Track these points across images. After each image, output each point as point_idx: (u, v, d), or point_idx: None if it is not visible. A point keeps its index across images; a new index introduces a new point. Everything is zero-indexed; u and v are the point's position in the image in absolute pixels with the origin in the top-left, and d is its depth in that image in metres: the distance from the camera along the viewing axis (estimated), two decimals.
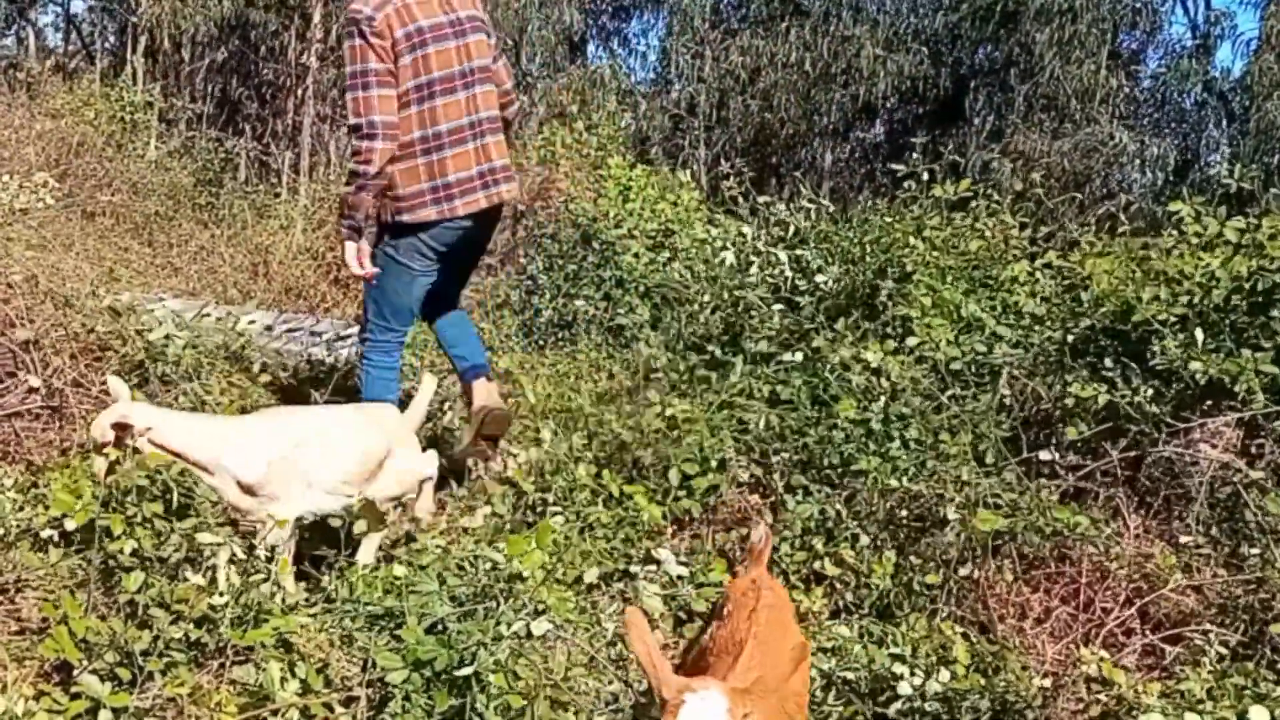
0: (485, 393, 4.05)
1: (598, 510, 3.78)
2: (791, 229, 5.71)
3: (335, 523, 3.23)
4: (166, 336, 4.07)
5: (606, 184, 7.21)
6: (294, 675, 2.68)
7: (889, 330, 4.74)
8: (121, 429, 2.98)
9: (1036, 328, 4.58)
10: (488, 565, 2.89)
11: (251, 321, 5.00)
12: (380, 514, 3.39)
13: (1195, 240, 4.56)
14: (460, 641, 2.61)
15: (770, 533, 2.82)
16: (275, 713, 2.60)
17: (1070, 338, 4.37)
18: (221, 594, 2.71)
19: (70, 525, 3.01)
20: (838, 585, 3.60)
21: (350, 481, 3.25)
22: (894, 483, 3.78)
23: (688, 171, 8.49)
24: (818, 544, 3.68)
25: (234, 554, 2.86)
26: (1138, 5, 13.07)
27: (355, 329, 5.35)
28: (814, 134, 13.45)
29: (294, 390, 4.48)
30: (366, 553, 3.34)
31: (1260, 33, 12.11)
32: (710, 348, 4.95)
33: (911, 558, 3.59)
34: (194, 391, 3.95)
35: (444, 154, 3.75)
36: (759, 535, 2.78)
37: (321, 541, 3.26)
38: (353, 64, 3.65)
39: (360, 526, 3.29)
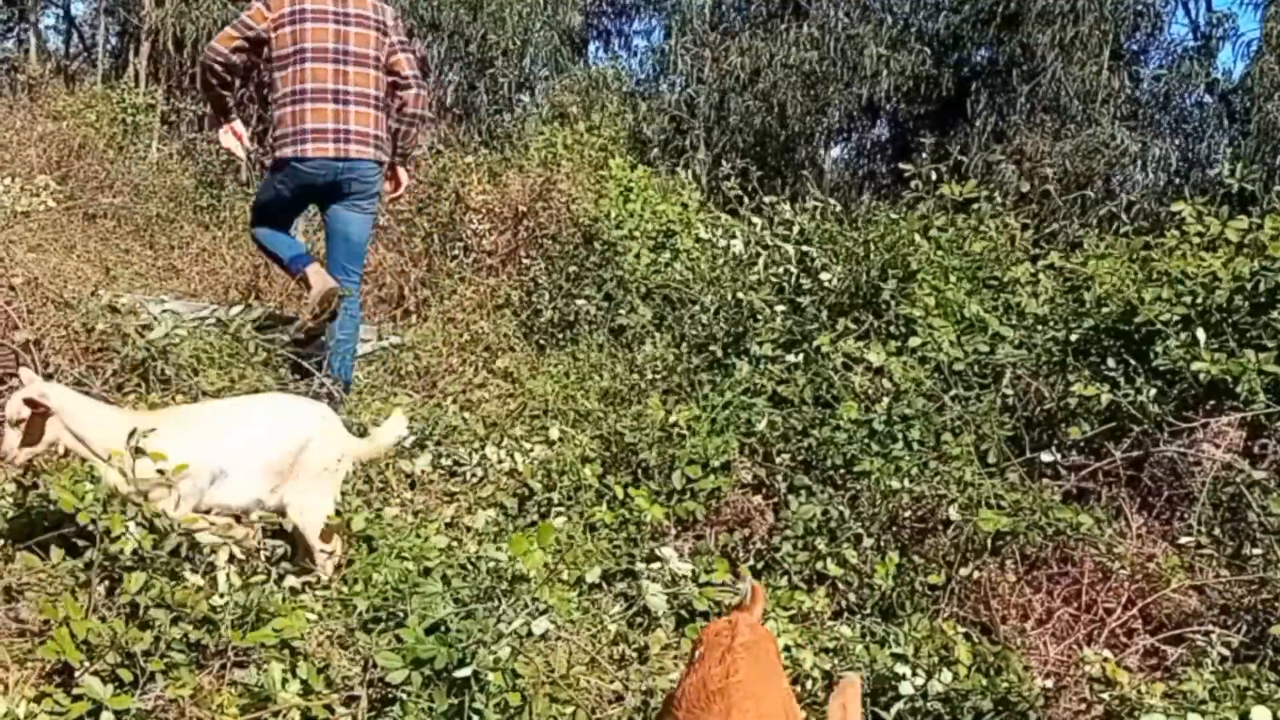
0: (319, 276, 4.63)
1: (601, 511, 3.79)
2: (796, 228, 5.71)
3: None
4: (167, 336, 4.07)
5: (608, 185, 7.19)
6: (295, 676, 2.68)
7: (892, 330, 4.73)
8: (34, 405, 2.98)
9: (1039, 328, 4.58)
10: (490, 565, 2.88)
11: (251, 322, 4.98)
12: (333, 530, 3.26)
13: (1197, 240, 4.57)
14: (459, 640, 2.61)
15: (760, 590, 2.55)
16: (276, 714, 2.60)
17: (1073, 338, 4.37)
18: (222, 595, 2.70)
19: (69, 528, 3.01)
20: (840, 585, 3.59)
21: (270, 471, 3.15)
22: (897, 483, 3.77)
23: (689, 173, 8.47)
24: (821, 544, 3.67)
25: (233, 555, 2.85)
26: (1139, 7, 13.04)
27: (370, 338, 5.44)
28: (815, 134, 13.41)
29: (291, 389, 4.47)
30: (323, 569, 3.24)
31: (1261, 34, 12.09)
32: (713, 349, 4.95)
33: (914, 558, 3.59)
34: (195, 388, 3.95)
35: (304, 106, 4.53)
36: (746, 590, 2.56)
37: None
38: (240, 15, 4.65)
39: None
